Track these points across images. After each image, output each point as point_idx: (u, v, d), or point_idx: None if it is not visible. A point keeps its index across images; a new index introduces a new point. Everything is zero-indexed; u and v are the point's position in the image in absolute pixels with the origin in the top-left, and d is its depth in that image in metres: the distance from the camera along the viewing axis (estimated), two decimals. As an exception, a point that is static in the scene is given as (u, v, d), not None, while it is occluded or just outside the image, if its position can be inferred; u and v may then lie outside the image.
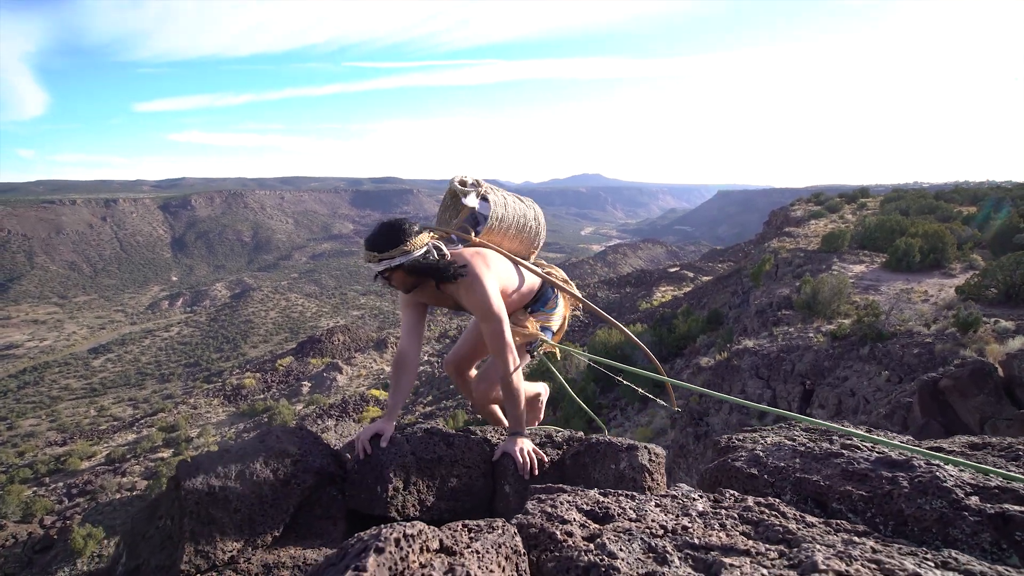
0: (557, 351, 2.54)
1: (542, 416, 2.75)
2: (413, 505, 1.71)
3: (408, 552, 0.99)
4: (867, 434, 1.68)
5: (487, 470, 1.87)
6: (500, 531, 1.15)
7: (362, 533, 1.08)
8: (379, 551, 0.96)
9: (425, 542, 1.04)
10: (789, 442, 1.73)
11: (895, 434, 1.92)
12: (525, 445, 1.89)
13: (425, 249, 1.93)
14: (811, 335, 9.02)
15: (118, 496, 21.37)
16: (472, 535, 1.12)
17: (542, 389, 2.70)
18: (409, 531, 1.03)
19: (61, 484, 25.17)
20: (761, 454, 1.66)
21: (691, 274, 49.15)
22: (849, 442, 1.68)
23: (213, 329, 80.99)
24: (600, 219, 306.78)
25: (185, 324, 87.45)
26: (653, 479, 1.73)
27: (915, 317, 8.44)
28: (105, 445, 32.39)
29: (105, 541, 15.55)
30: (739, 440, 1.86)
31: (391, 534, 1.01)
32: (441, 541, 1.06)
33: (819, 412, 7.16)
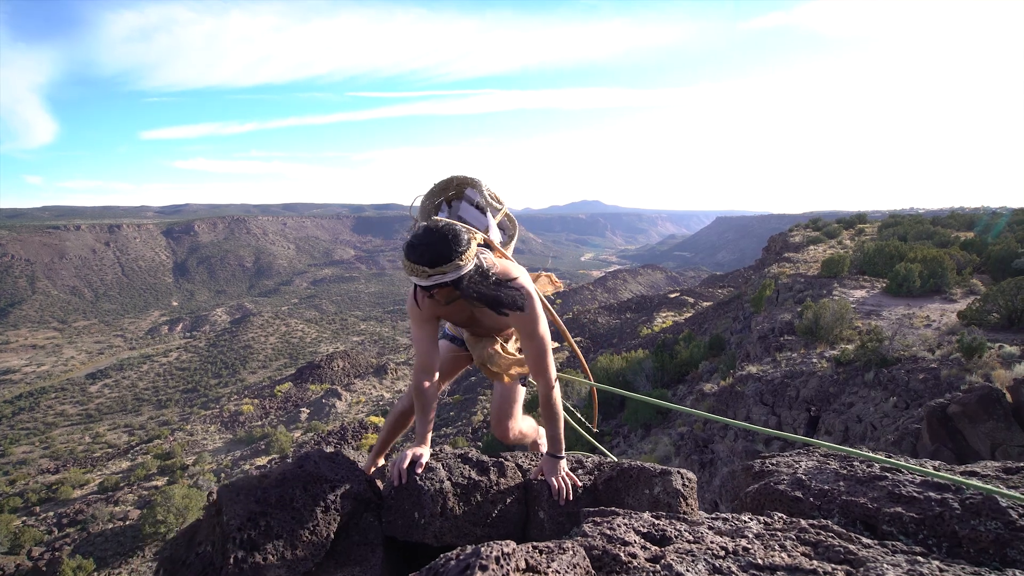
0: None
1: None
2: (450, 531, 1.70)
3: (508, 570, 1.02)
4: (914, 466, 1.69)
5: (520, 496, 1.87)
6: (572, 552, 1.17)
7: (450, 553, 1.12)
8: (483, 568, 1.00)
9: (516, 561, 1.07)
10: (829, 465, 1.76)
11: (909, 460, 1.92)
12: (563, 469, 1.86)
13: (475, 263, 1.73)
14: (815, 360, 8.98)
15: (110, 526, 20.86)
16: (547, 556, 1.15)
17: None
18: (505, 550, 1.06)
19: (52, 513, 24.62)
20: (804, 477, 1.68)
21: (691, 300, 49.16)
22: (890, 465, 1.71)
23: (212, 354, 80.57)
24: (599, 245, 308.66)
25: (184, 349, 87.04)
26: (687, 504, 1.72)
27: (919, 342, 8.42)
28: (99, 473, 31.83)
29: (96, 574, 15.10)
30: (772, 464, 1.89)
31: (491, 552, 1.04)
32: (526, 561, 1.09)
33: (826, 439, 7.06)
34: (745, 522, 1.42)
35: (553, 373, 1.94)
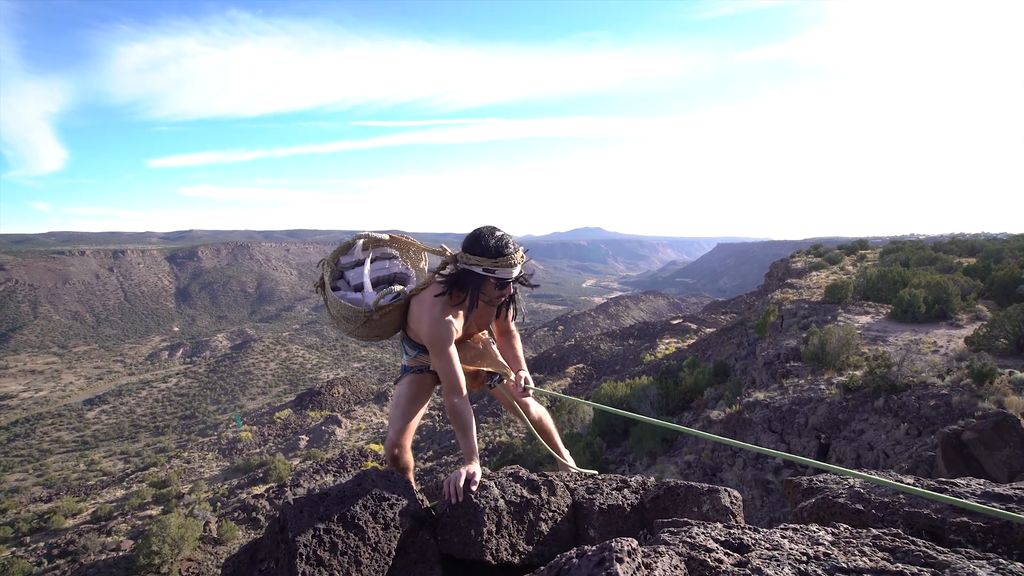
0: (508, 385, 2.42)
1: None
2: (506, 549, 1.72)
3: (638, 564, 1.13)
4: (930, 490, 1.68)
5: (570, 515, 1.89)
6: (669, 556, 1.25)
7: (571, 552, 1.23)
8: (620, 561, 1.10)
9: (638, 559, 1.17)
10: (884, 479, 1.80)
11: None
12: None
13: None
14: (822, 387, 8.87)
15: (102, 557, 20.33)
16: (652, 557, 1.23)
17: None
18: (633, 545, 1.17)
19: (42, 544, 24.03)
20: (862, 491, 1.72)
21: (694, 326, 48.98)
22: (948, 479, 1.75)
23: (212, 380, 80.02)
24: (601, 271, 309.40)
25: (184, 375, 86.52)
26: (736, 521, 1.75)
27: (927, 368, 8.33)
28: (92, 502, 31.23)
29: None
30: (821, 482, 1.92)
31: (623, 547, 1.15)
32: (642, 560, 1.18)
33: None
34: (815, 531, 1.44)
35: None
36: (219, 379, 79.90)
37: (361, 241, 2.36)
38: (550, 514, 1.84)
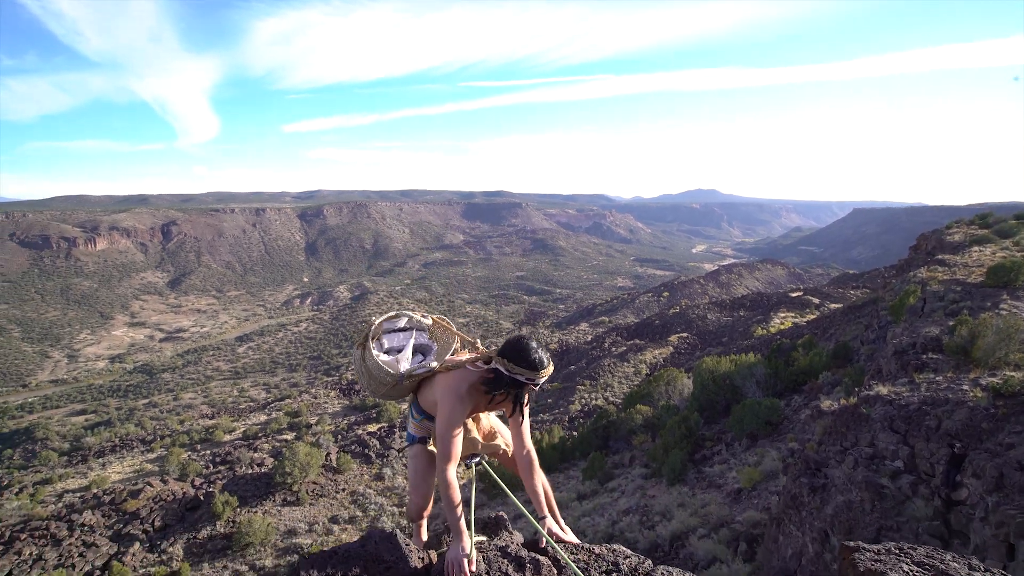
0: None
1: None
2: None
3: None
4: None
5: None
6: None
7: None
8: None
9: None
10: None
11: None
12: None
13: None
14: (965, 387, 7.67)
15: (250, 471, 24.24)
16: None
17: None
18: None
19: (208, 452, 29.22)
20: None
21: (816, 300, 44.43)
22: None
23: (335, 327, 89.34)
24: (714, 236, 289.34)
25: (312, 321, 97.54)
26: None
27: (1117, 377, 6.82)
28: (243, 422, 37.10)
29: (238, 509, 17.75)
30: (878, 562, 1.66)
31: None
32: None
33: (973, 482, 6.03)
34: None
35: None
36: (340, 326, 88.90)
37: (405, 319, 2.74)
38: None
